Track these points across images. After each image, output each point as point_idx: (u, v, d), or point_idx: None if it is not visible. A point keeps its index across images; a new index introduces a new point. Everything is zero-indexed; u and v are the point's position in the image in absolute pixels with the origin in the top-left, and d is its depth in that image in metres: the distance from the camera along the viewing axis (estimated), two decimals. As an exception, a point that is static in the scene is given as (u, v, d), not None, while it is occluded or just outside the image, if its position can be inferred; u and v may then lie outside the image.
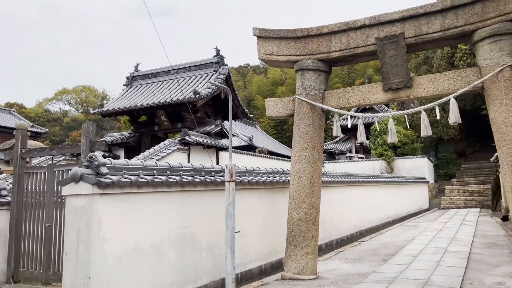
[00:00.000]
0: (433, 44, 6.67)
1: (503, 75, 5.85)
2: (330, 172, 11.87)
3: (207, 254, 6.64)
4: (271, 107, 7.63)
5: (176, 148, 14.50)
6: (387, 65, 6.64)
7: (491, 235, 11.72)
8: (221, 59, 18.05)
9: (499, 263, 7.75)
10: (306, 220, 6.97)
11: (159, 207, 5.84)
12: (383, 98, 6.78)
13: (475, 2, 6.09)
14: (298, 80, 7.35)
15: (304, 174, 7.02)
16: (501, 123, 5.86)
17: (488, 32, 5.97)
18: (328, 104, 7.08)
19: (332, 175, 11.56)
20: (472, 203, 23.05)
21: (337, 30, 6.97)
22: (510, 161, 5.77)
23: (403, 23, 6.55)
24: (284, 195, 8.98)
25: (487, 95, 6.06)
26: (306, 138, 7.06)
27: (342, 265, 8.12)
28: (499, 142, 5.93)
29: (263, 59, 7.56)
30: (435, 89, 6.43)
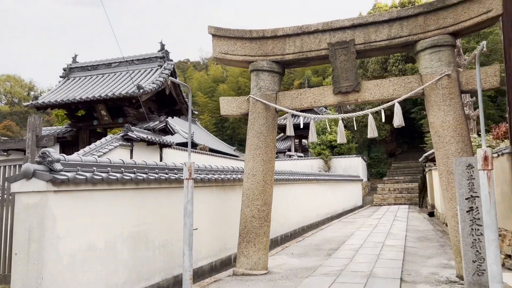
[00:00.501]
0: (381, 51, 7.13)
1: (442, 83, 6.41)
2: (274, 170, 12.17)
3: (160, 252, 6.61)
4: (225, 106, 7.72)
5: (118, 144, 14.06)
6: (337, 70, 6.99)
7: (421, 230, 12.68)
8: (166, 54, 17.74)
9: (431, 255, 8.45)
10: (259, 217, 7.16)
11: (114, 205, 5.73)
12: (333, 100, 7.14)
13: (418, 14, 6.61)
14: (253, 80, 7.51)
15: (257, 172, 7.20)
16: (439, 127, 6.42)
17: (429, 43, 6.51)
18: (282, 105, 7.32)
19: (277, 173, 11.87)
20: (401, 200, 24.66)
21: (292, 34, 7.21)
22: (446, 162, 6.34)
23: (353, 30, 6.93)
24: (234, 193, 9.12)
25: (427, 101, 6.61)
26: (260, 137, 7.24)
27: (290, 260, 8.42)
28: (436, 144, 6.49)
29: (218, 57, 7.63)
30: (381, 94, 6.89)
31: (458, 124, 6.32)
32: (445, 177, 6.39)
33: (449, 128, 6.32)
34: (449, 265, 7.39)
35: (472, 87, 6.44)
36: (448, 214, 6.37)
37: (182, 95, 18.32)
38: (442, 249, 9.22)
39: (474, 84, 6.43)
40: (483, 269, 5.11)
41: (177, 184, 7.06)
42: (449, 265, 7.40)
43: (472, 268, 5.16)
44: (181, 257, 7.02)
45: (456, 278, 6.26)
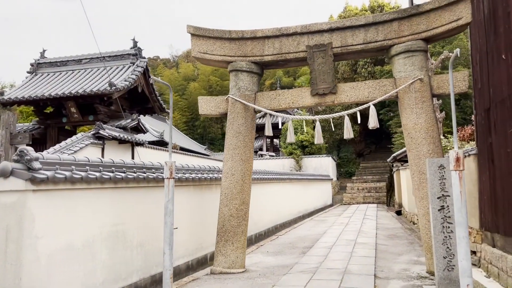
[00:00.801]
0: (357, 54, 7.35)
1: (414, 86, 6.68)
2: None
3: (137, 251, 6.58)
4: (204, 105, 7.74)
5: (89, 142, 13.78)
6: (315, 72, 7.16)
7: (390, 228, 13.09)
8: (139, 51, 17.50)
9: (401, 252, 8.76)
10: (237, 216, 7.23)
11: (92, 204, 5.67)
12: (311, 101, 7.30)
13: (393, 20, 6.86)
14: (232, 80, 7.57)
15: (236, 172, 7.27)
16: (411, 128, 6.68)
17: (403, 48, 6.77)
18: (260, 105, 7.42)
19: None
20: (370, 199, 25.29)
21: (271, 35, 7.32)
22: (418, 162, 6.61)
23: (331, 34, 7.11)
24: (210, 192, 9.16)
25: (400, 104, 6.86)
26: (239, 136, 7.31)
27: (266, 258, 8.53)
28: (409, 145, 6.76)
29: (197, 57, 7.65)
30: (357, 96, 7.10)
31: (430, 126, 6.61)
32: (417, 177, 6.66)
33: (421, 130, 6.60)
34: (419, 261, 7.69)
35: (443, 91, 6.75)
36: (420, 212, 6.65)
37: (155, 93, 18.13)
38: (411, 246, 9.57)
39: (444, 88, 6.73)
40: (453, 265, 5.38)
41: (155, 183, 7.04)
42: (419, 261, 7.70)
43: (443, 264, 5.42)
44: (158, 256, 7.02)
45: (427, 274, 6.54)
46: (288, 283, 6.20)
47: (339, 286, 5.91)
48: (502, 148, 6.51)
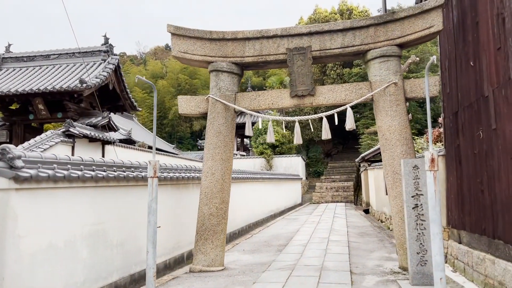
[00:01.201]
0: (335, 58, 7.59)
1: (389, 90, 6.98)
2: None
3: (117, 250, 6.56)
4: (183, 104, 7.78)
5: (59, 140, 13.47)
6: (294, 74, 7.34)
7: (360, 226, 13.51)
8: (110, 48, 17.20)
9: (373, 249, 9.10)
10: (217, 215, 7.32)
11: (74, 203, 5.63)
12: (290, 103, 7.48)
13: (369, 26, 7.14)
14: (212, 80, 7.65)
15: (216, 171, 7.36)
16: (386, 130, 6.98)
17: (378, 53, 7.06)
18: (241, 106, 7.53)
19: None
20: (338, 198, 25.88)
21: (251, 37, 7.45)
22: (392, 163, 6.91)
23: (310, 37, 7.32)
24: (188, 191, 9.20)
25: (376, 106, 7.15)
26: (219, 136, 7.41)
27: (243, 256, 8.66)
28: (383, 146, 7.06)
29: (177, 56, 7.67)
30: (334, 99, 7.34)
31: (403, 128, 6.93)
32: (391, 177, 6.97)
33: (395, 132, 6.91)
34: (391, 258, 8.03)
35: (415, 95, 7.08)
36: (393, 210, 6.96)
37: (126, 90, 17.88)
38: (382, 243, 9.95)
39: (417, 92, 7.07)
40: (425, 260, 5.69)
41: (134, 182, 7.04)
42: (390, 258, 8.04)
43: (416, 259, 5.72)
44: (137, 255, 7.02)
45: (399, 269, 6.85)
46: (268, 280, 6.35)
47: (318, 282, 6.11)
48: (469, 150, 6.91)
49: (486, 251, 6.37)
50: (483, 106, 6.33)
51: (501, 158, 5.67)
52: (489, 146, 6.15)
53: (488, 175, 6.27)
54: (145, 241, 7.31)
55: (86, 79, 15.02)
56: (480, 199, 6.53)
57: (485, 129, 6.30)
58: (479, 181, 6.57)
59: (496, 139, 5.90)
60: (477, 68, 6.56)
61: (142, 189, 7.31)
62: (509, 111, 5.41)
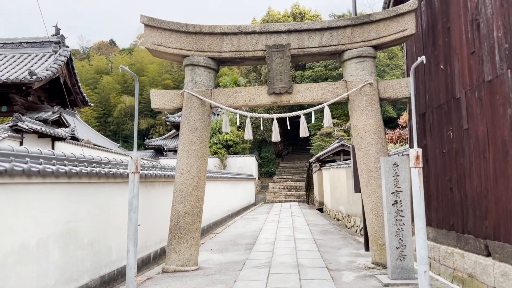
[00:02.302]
0: (312, 57, 7.66)
1: (365, 90, 7.15)
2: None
3: (88, 250, 6.18)
4: (157, 99, 7.50)
5: (6, 135, 12.52)
6: (273, 71, 7.32)
7: (320, 224, 13.76)
8: (62, 39, 16.26)
9: (339, 246, 9.29)
10: (192, 213, 7.13)
11: (47, 200, 5.24)
12: (267, 100, 7.45)
13: (346, 26, 7.28)
14: (188, 75, 7.44)
15: (192, 168, 7.16)
16: (361, 129, 7.15)
17: (355, 53, 7.21)
18: (217, 101, 7.39)
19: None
20: (291, 197, 26.24)
21: (229, 32, 7.34)
22: (367, 161, 7.09)
23: (288, 35, 7.34)
24: (155, 190, 8.90)
25: (351, 106, 7.30)
26: (195, 132, 7.22)
27: (213, 255, 8.50)
28: (358, 145, 7.22)
29: (151, 49, 7.39)
30: (311, 97, 7.40)
31: (378, 127, 7.13)
32: (365, 174, 7.14)
33: (370, 131, 7.09)
34: (360, 254, 8.23)
35: (388, 95, 7.32)
36: (367, 207, 7.13)
37: (78, 85, 17.01)
38: (346, 240, 10.19)
39: (390, 93, 7.31)
40: (404, 254, 5.89)
41: (106, 179, 6.68)
42: (359, 254, 8.23)
43: (396, 254, 5.90)
44: (107, 255, 6.67)
45: (373, 265, 7.03)
46: (249, 278, 6.27)
47: (299, 278, 6.12)
48: (438, 149, 7.24)
49: (454, 246, 6.69)
50: (454, 107, 6.66)
51: (472, 157, 5.98)
52: (460, 145, 6.47)
53: (458, 173, 6.59)
54: (115, 240, 7.01)
55: (36, 70, 14.10)
56: (448, 196, 6.85)
57: (456, 129, 6.62)
58: (448, 179, 6.89)
59: (468, 138, 6.22)
60: (448, 71, 6.89)
61: (114, 186, 6.96)
62: (482, 112, 5.73)
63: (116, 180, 7.04)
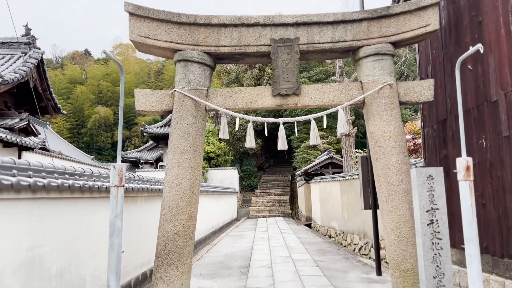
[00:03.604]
0: (323, 54, 6.73)
1: (384, 92, 6.26)
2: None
3: (57, 283, 4.98)
4: (142, 100, 6.40)
5: (-35, 143, 11.12)
6: (278, 69, 6.36)
7: (314, 242, 12.74)
8: (33, 40, 14.91)
9: (345, 270, 8.29)
10: (183, 234, 6.01)
11: (3, 221, 4.05)
12: (271, 103, 6.46)
13: (362, 20, 6.40)
14: (180, 72, 6.39)
15: (184, 181, 6.06)
16: (380, 137, 6.23)
17: (372, 50, 6.33)
18: (213, 103, 6.35)
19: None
20: (275, 212, 25.18)
21: (229, 24, 6.35)
22: (387, 173, 6.15)
23: (296, 28, 6.40)
24: (136, 206, 7.75)
25: (368, 110, 6.39)
26: (188, 138, 6.14)
27: (204, 282, 7.37)
28: (376, 154, 6.28)
29: (136, 41, 6.31)
30: (321, 100, 6.46)
31: (399, 134, 6.23)
32: (385, 189, 6.20)
33: (390, 138, 6.18)
34: (371, 279, 7.26)
35: (409, 98, 6.44)
36: (387, 227, 6.18)
37: (50, 90, 15.65)
38: (349, 262, 9.20)
39: (411, 96, 6.43)
40: (443, 285, 4.93)
41: (80, 193, 5.51)
42: (371, 279, 7.26)
43: (433, 285, 4.94)
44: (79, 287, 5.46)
45: (394, 293, 6.06)
46: (254, 314, 5.19)
47: (316, 314, 5.08)
48: (464, 160, 6.39)
49: (489, 272, 5.81)
50: (488, 111, 5.83)
51: (517, 168, 5.14)
52: (497, 155, 5.63)
53: (494, 187, 5.74)
54: (90, 267, 5.80)
55: (2, 73, 12.73)
56: (480, 214, 5.99)
57: (491, 136, 5.79)
58: (479, 193, 6.04)
59: (509, 147, 5.38)
60: (478, 71, 6.09)
61: (89, 203, 5.79)
62: (530, 116, 4.90)
63: (92, 195, 5.88)
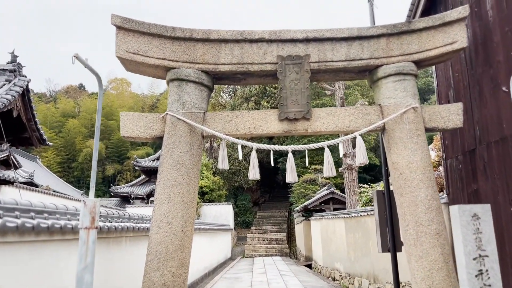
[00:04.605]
0: (335, 74, 5.94)
1: (408, 116, 5.44)
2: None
3: None
4: (128, 124, 5.52)
5: None
6: (286, 90, 5.55)
7: (318, 286, 11.59)
8: (19, 67, 14.13)
9: (359, 321, 7.21)
10: (173, 285, 4.98)
11: None
12: (278, 129, 5.60)
13: (380, 36, 5.67)
14: (173, 93, 5.55)
15: (175, 219, 5.09)
16: (405, 168, 5.36)
17: (393, 69, 5.56)
18: (211, 128, 5.48)
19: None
20: (272, 251, 23.88)
21: (230, 39, 5.58)
22: (414, 211, 5.24)
23: (306, 45, 5.65)
24: (119, 248, 6.73)
25: (389, 137, 5.54)
26: (181, 169, 5.22)
27: None
28: (401, 189, 5.39)
29: (124, 57, 5.49)
30: (335, 125, 5.62)
31: (426, 165, 5.36)
32: (413, 230, 5.26)
33: (417, 170, 5.31)
34: (394, 335, 6.19)
35: (435, 125, 5.63)
36: (417, 275, 5.19)
37: (35, 120, 14.71)
38: (362, 311, 8.11)
39: (437, 122, 5.62)
40: None
41: (49, 235, 4.52)
42: (394, 335, 6.20)
43: None
44: None
45: None
46: None
47: None
48: (501, 196, 5.51)
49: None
50: (532, 139, 5.01)
51: None
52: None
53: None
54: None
55: (-18, 100, 11.86)
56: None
57: (537, 168, 4.95)
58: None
59: None
60: (516, 93, 5.31)
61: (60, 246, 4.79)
62: None
63: (64, 236, 4.88)
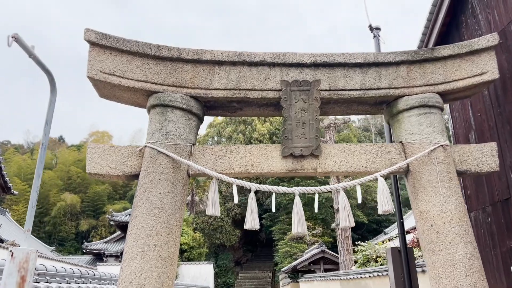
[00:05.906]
0: (348, 106, 5.04)
1: (437, 156, 4.54)
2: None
3: None
4: (97, 159, 4.44)
5: None
6: (291, 121, 4.62)
7: None
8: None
9: None
10: None
11: None
12: (281, 167, 4.60)
13: (400, 63, 4.89)
14: (154, 121, 4.55)
15: (148, 281, 3.89)
16: (437, 218, 4.36)
17: (418, 101, 4.73)
18: (200, 164, 4.45)
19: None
20: (256, 317, 21.92)
21: (225, 61, 4.71)
22: (452, 273, 4.17)
23: (314, 71, 4.81)
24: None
25: (415, 181, 4.59)
26: (159, 215, 4.10)
27: None
28: (433, 244, 4.35)
29: (96, 78, 4.54)
30: (350, 164, 4.66)
31: (462, 216, 4.39)
32: (451, 296, 4.18)
33: (451, 221, 4.32)
34: None
35: (468, 167, 4.72)
36: None
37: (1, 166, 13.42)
38: None
39: (469, 164, 4.73)
40: None
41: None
42: None
43: None
44: None
45: None
46: None
47: None
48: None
49: None
50: None
51: None
52: None
53: None
54: None
55: None
56: None
57: None
58: None
59: None
60: None
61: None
62: None
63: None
